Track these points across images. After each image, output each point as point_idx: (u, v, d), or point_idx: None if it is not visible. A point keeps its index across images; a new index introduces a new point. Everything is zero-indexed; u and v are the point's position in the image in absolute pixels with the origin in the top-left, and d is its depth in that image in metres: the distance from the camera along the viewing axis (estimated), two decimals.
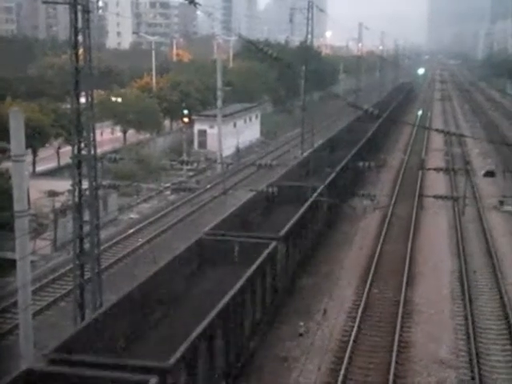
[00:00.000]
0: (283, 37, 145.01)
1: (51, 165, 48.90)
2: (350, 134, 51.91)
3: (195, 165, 47.51)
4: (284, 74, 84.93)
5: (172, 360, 14.20)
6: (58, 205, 34.32)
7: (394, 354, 21.78)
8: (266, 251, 21.85)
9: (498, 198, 43.86)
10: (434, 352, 22.47)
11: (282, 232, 24.20)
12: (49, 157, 49.36)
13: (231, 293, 18.09)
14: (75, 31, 19.34)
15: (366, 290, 27.65)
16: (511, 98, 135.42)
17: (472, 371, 21.09)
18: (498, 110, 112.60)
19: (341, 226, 37.58)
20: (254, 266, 20.25)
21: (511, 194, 44.91)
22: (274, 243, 22.87)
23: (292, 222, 25.89)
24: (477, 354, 22.03)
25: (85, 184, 20.42)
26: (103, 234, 29.77)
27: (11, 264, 23.50)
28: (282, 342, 22.98)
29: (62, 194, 35.88)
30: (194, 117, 62.40)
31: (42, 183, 39.00)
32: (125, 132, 60.30)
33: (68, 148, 34.04)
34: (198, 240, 23.41)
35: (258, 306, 21.19)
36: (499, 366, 21.80)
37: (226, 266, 22.75)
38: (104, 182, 26.70)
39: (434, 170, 42.65)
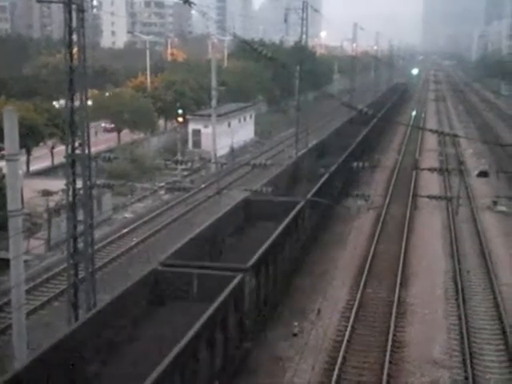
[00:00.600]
0: (278, 37, 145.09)
1: (45, 164, 48.83)
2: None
3: (189, 164, 47.46)
4: (279, 73, 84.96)
5: None
6: (51, 204, 34.27)
7: (388, 354, 21.82)
8: (230, 286, 18.33)
9: (492, 198, 43.96)
10: (427, 352, 22.51)
11: (251, 262, 20.43)
12: (43, 156, 49.31)
13: (180, 345, 14.62)
14: (69, 30, 19.31)
15: (360, 289, 27.69)
16: (505, 98, 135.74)
17: (465, 371, 21.14)
18: (491, 111, 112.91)
19: (335, 226, 37.61)
20: (213, 307, 16.86)
21: (505, 194, 45.04)
22: (239, 276, 19.25)
23: (263, 248, 22.10)
24: (470, 354, 22.09)
25: (79, 183, 20.39)
26: (97, 234, 29.75)
27: (5, 263, 23.47)
28: (277, 341, 22.98)
29: (56, 193, 35.84)
30: (188, 116, 62.38)
31: (35, 182, 38.93)
32: (119, 131, 60.24)
33: (62, 147, 34.01)
34: (151, 272, 19.80)
35: (218, 357, 17.47)
36: (492, 366, 21.84)
37: (183, 303, 19.34)
38: (98, 182, 26.64)
39: (428, 170, 42.70)
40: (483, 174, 52.55)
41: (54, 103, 56.27)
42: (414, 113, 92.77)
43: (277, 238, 23.88)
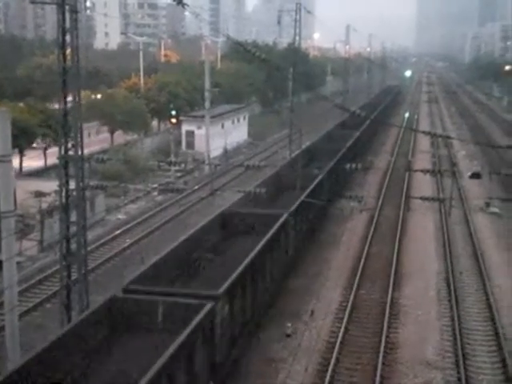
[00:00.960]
0: (271, 38, 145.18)
1: (38, 165, 48.70)
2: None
3: (183, 166, 47.46)
4: (272, 75, 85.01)
5: None
6: (44, 205, 34.18)
7: (381, 355, 21.85)
8: (198, 316, 16.34)
9: (484, 200, 44.09)
10: (420, 353, 22.55)
11: (223, 288, 18.39)
12: (36, 157, 49.16)
13: None
14: (63, 31, 19.27)
15: (353, 291, 27.72)
16: (497, 100, 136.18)
17: (458, 372, 21.19)
18: (484, 112, 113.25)
19: (328, 227, 37.65)
20: (177, 341, 14.94)
21: (497, 195, 45.16)
22: (209, 304, 17.17)
23: (238, 271, 20.00)
24: (463, 355, 22.14)
25: (72, 184, 20.35)
26: (90, 235, 29.69)
27: None
28: (269, 343, 22.97)
29: (49, 194, 35.75)
30: (181, 118, 62.34)
31: (28, 183, 38.84)
32: (112, 132, 60.13)
33: (55, 148, 33.96)
34: (110, 299, 17.71)
35: None
36: (485, 367, 21.90)
37: (147, 335, 17.33)
38: (91, 183, 26.59)
39: (421, 171, 42.81)
40: (476, 176, 52.69)
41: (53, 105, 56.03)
42: (406, 114, 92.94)
43: (255, 257, 21.68)
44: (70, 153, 20.03)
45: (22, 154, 46.22)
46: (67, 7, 19.20)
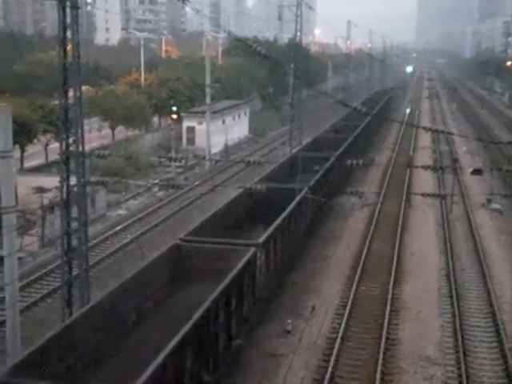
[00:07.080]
0: (271, 34, 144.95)
1: (39, 161, 48.72)
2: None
3: (183, 161, 47.38)
4: (273, 71, 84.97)
5: None
6: (45, 201, 34.18)
7: (382, 352, 21.85)
8: None
9: (486, 196, 44.03)
10: (421, 349, 22.54)
11: (145, 376, 12.49)
12: (37, 153, 49.19)
13: None
14: (63, 27, 19.24)
15: (354, 287, 27.71)
16: (499, 95, 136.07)
17: (459, 368, 21.19)
18: (485, 108, 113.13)
19: (329, 224, 37.64)
20: None
21: (498, 191, 45.08)
22: None
23: (168, 349, 13.78)
24: (464, 352, 22.14)
25: (73, 180, 20.34)
26: (91, 231, 29.69)
27: None
28: (270, 339, 22.97)
29: (50, 190, 35.71)
30: (182, 113, 62.30)
31: (29, 179, 38.82)
32: (113, 128, 60.10)
33: (56, 144, 33.88)
34: None
35: None
36: (486, 363, 21.89)
37: None
38: (92, 179, 26.56)
39: (422, 167, 42.69)
40: (477, 172, 52.57)
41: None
42: (408, 110, 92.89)
43: (201, 320, 15.77)
44: (71, 149, 20.03)
45: (22, 150, 46.21)
46: (68, 3, 19.18)
